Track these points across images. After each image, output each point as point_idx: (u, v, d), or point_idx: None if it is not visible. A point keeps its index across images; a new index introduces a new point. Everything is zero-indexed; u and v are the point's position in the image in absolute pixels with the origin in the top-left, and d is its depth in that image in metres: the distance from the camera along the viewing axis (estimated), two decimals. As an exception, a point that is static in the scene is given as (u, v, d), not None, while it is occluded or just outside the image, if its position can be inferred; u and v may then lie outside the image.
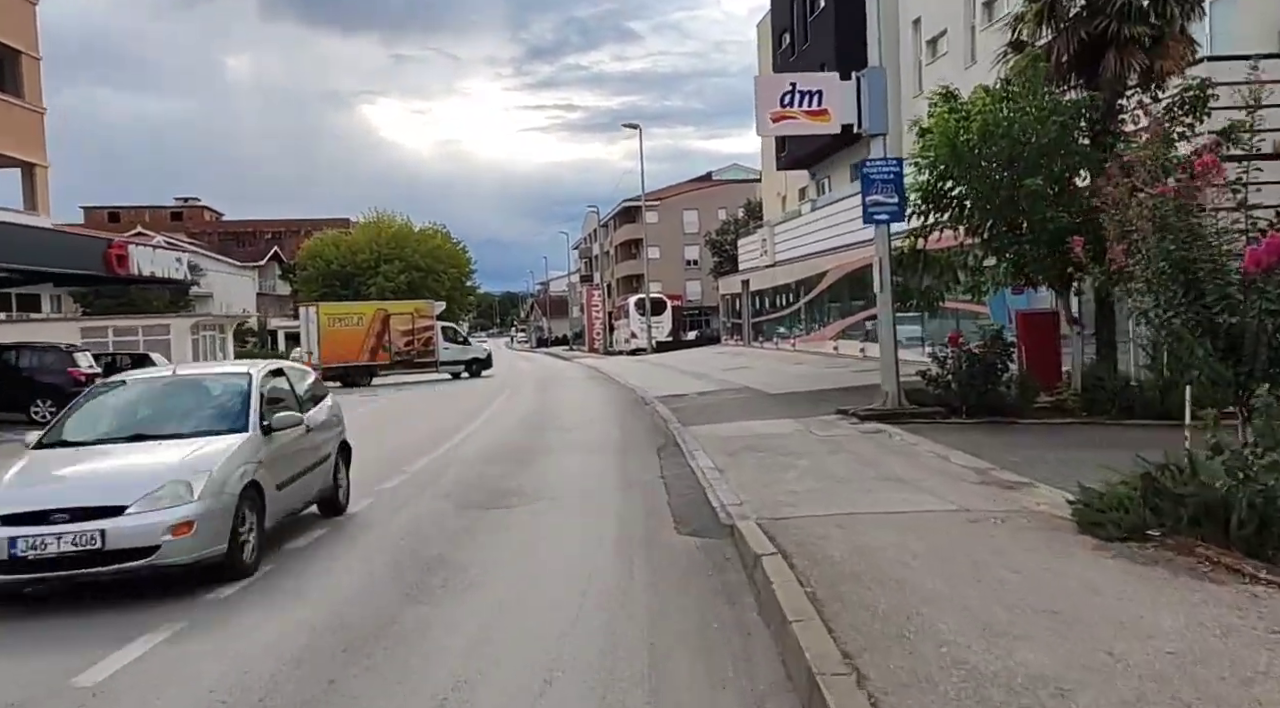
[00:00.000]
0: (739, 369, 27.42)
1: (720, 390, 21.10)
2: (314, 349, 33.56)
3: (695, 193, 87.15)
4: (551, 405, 21.77)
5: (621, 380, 28.34)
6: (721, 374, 25.94)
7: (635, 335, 56.25)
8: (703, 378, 25.37)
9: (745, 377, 24.31)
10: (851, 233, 27.37)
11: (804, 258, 33.20)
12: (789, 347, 34.41)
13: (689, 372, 28.48)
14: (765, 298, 38.59)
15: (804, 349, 32.79)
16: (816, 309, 31.70)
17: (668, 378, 26.75)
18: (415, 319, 36.13)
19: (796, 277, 33.87)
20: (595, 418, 17.70)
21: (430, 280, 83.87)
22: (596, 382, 29.83)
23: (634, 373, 31.03)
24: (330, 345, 33.82)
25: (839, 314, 29.06)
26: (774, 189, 44.10)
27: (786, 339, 35.22)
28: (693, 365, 31.60)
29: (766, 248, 38.86)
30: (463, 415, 19.75)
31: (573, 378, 33.29)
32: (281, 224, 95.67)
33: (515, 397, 25.01)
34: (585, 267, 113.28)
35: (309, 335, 34.43)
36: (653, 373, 30.04)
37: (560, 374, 36.72)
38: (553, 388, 27.71)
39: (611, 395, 23.52)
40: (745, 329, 41.77)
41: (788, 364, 27.95)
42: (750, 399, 18.57)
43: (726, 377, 24.85)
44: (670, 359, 38.22)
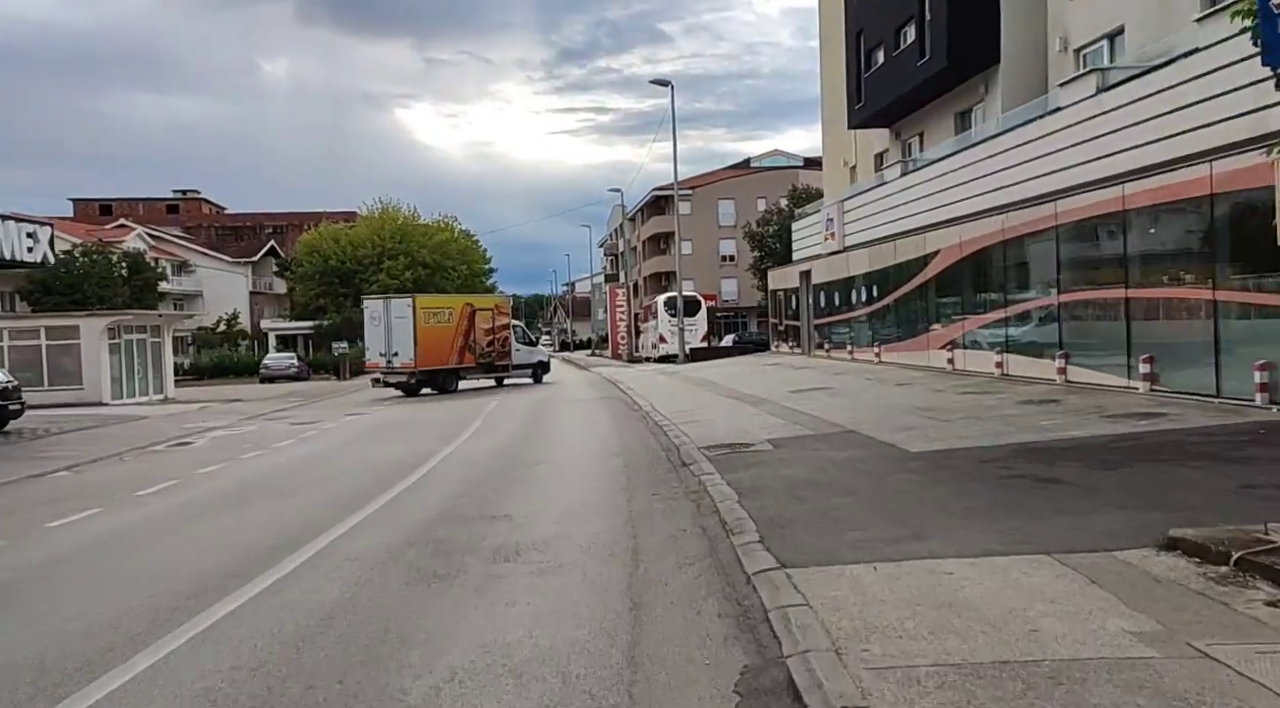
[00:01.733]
0: (816, 393, 18.87)
1: (807, 437, 12.59)
2: (399, 350, 28.14)
3: (731, 181, 78.50)
4: (523, 465, 13.37)
5: (645, 405, 19.95)
6: (793, 401, 17.42)
7: (664, 340, 47.93)
8: (766, 407, 16.87)
9: (834, 407, 15.78)
10: (984, 195, 18.74)
11: (891, 239, 24.54)
12: (870, 357, 25.72)
13: (742, 395, 19.96)
14: (831, 293, 29.94)
15: (893, 360, 24.12)
16: (914, 306, 23.05)
17: (713, 405, 18.28)
18: (495, 316, 31.79)
19: (880, 263, 25.23)
20: (583, 510, 9.20)
21: (438, 277, 76.02)
22: (610, 409, 21.39)
23: (663, 393, 22.59)
24: (425, 345, 28.42)
25: (958, 312, 20.41)
26: (837, 157, 35.43)
27: (865, 346, 26.50)
28: (744, 383, 23.05)
29: (834, 229, 30.23)
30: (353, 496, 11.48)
31: (580, 400, 24.85)
32: (284, 217, 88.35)
33: (479, 439, 16.67)
34: (611, 265, 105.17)
35: (392, 332, 28.32)
36: (689, 394, 21.58)
37: (566, 394, 28.28)
38: (546, 421, 19.30)
39: (627, 440, 15.10)
40: (805, 333, 33.10)
41: (885, 385, 19.37)
42: (879, 465, 10.02)
43: (804, 407, 16.33)
44: (710, 372, 29.65)
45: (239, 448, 16.34)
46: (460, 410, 22.53)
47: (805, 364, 28.10)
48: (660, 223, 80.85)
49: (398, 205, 76.62)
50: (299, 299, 72.24)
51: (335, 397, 32.73)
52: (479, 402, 25.48)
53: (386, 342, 28.41)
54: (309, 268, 72.22)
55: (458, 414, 21.50)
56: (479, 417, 20.22)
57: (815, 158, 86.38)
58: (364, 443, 16.58)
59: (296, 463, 14.22)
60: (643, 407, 20.15)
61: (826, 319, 30.50)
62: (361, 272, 73.13)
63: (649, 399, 21.40)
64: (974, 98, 23.83)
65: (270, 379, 45.44)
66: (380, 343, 28.68)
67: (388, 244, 73.30)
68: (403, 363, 28.14)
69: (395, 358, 28.24)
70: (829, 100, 36.56)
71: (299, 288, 72.57)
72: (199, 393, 37.78)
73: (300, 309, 71.79)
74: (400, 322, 28.33)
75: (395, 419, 21.37)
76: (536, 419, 19.23)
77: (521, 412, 21.32)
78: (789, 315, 35.21)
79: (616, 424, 17.28)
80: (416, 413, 22.91)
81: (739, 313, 79.10)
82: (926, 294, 21.99)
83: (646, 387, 25.87)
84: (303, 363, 47.67)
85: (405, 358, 28.16)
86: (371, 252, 73.07)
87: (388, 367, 28.44)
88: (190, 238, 79.16)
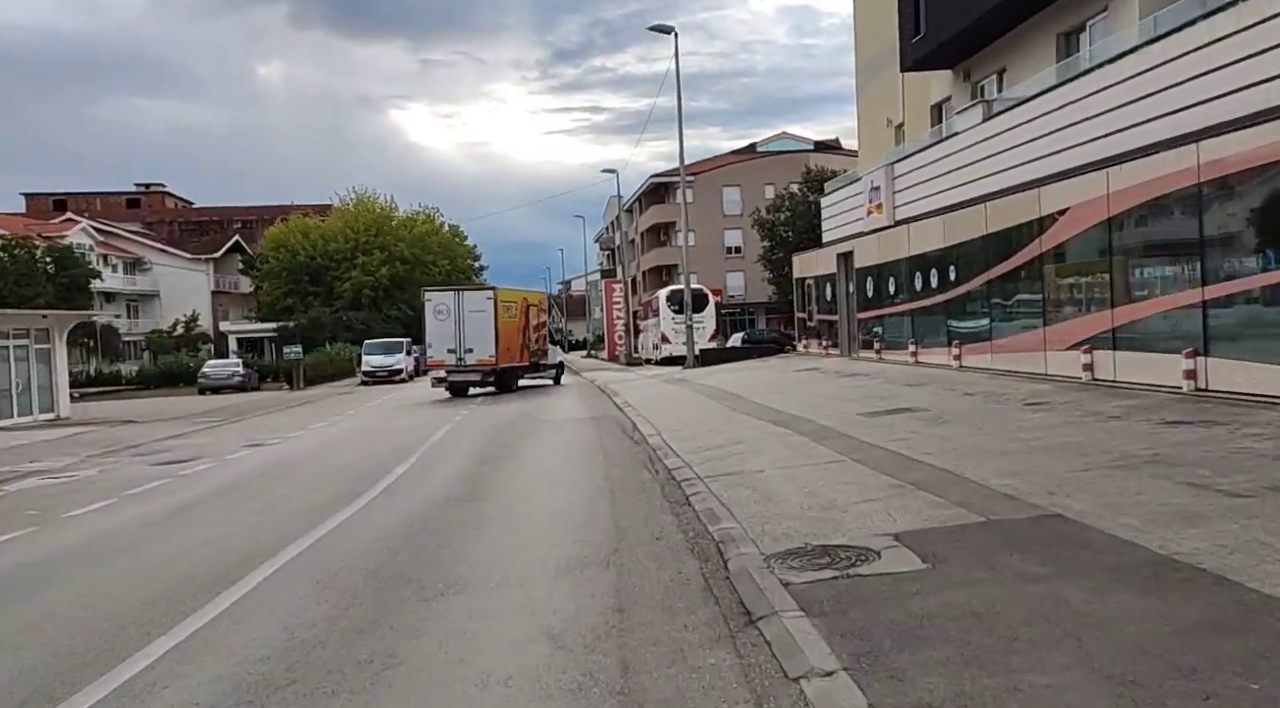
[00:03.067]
0: (904, 418, 12.70)
1: (972, 529, 6.46)
2: (475, 347, 26.42)
3: (736, 167, 72.31)
4: (421, 596, 7.22)
5: (650, 432, 13.87)
6: (879, 434, 11.29)
7: (667, 340, 41.92)
8: (841, 446, 10.72)
9: (962, 449, 9.64)
10: (1144, 124, 12.62)
11: (976, 202, 18.42)
12: (946, 359, 19.57)
13: (790, 419, 13.75)
14: (883, 278, 23.77)
15: (981, 365, 17.98)
16: (1020, 289, 16.88)
17: (752, 438, 12.10)
18: (539, 313, 31.01)
19: (961, 235, 19.08)
20: None
21: (418, 273, 69.65)
22: (600, 442, 15.28)
23: (672, 413, 16.45)
24: (504, 343, 27.06)
25: (1102, 294, 14.12)
26: (878, 116, 29.26)
27: (937, 346, 20.34)
28: (783, 399, 16.89)
29: (881, 200, 24.10)
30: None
31: (562, 422, 18.71)
32: (253, 211, 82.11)
33: (384, 508, 10.51)
34: (607, 260, 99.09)
35: (464, 326, 26.46)
36: (710, 416, 15.43)
37: (546, 410, 22.18)
38: (504, 463, 13.02)
39: (625, 515, 8.96)
40: (845, 330, 26.86)
41: (1003, 404, 13.22)
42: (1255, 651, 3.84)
43: (906, 446, 10.21)
44: (727, 380, 23.46)
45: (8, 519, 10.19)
46: (402, 436, 16.36)
47: (852, 370, 21.91)
48: (660, 212, 74.64)
49: (374, 195, 70.44)
50: (264, 299, 65.97)
51: (270, 413, 26.58)
52: (438, 417, 19.32)
53: (458, 337, 26.53)
54: (275, 264, 65.94)
55: (396, 442, 15.35)
56: (416, 451, 14.07)
57: (825, 141, 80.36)
58: (213, 508, 10.39)
59: (49, 563, 8.05)
60: (646, 435, 13.99)
61: (875, 311, 24.28)
62: (333, 268, 66.87)
63: (655, 423, 15.24)
64: (1089, 9, 17.66)
65: (212, 390, 39.21)
66: (449, 338, 26.63)
67: (362, 237, 67.05)
68: (479, 359, 26.56)
69: (469, 355, 26.51)
70: (866, 47, 30.43)
71: (265, 286, 66.29)
72: (114, 408, 31.63)
73: (266, 310, 65.51)
74: (477, 315, 26.57)
75: (300, 454, 15.20)
76: (493, 459, 13.05)
77: (477, 441, 15.14)
78: (822, 308, 29.01)
79: (608, 474, 11.08)
80: (340, 443, 16.74)
81: (746, 309, 73.01)
82: (1042, 272, 15.76)
83: (649, 401, 19.71)
84: (249, 370, 41.43)
85: (483, 354, 26.55)
86: (344, 246, 66.79)
87: (458, 364, 26.65)
88: (148, 233, 72.89)
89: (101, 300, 64.20)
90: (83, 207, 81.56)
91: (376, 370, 41.59)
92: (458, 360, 26.73)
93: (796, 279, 32.07)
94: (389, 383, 40.84)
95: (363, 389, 38.21)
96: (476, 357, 26.65)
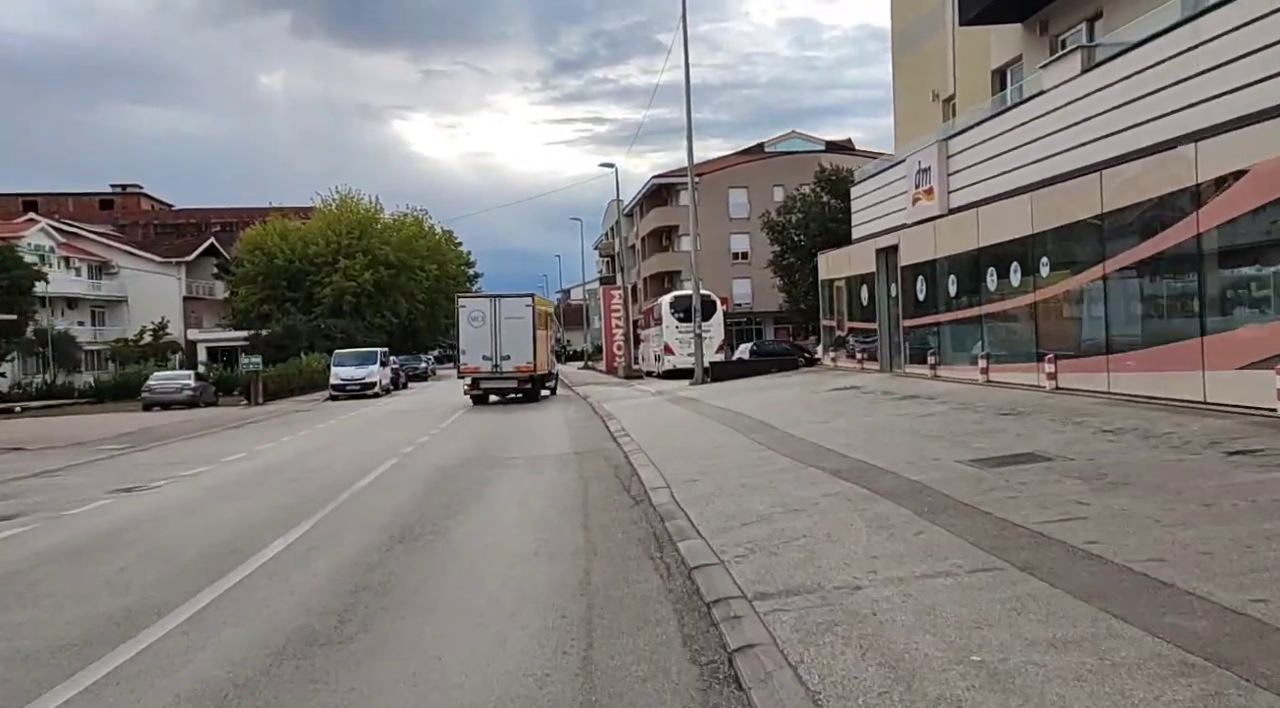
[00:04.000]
0: (1074, 480, 8.41)
1: None
2: (512, 353, 26.85)
3: (743, 167, 68.14)
4: None
5: (657, 483, 9.58)
6: (1059, 512, 6.99)
7: (670, 351, 37.75)
8: (1042, 561, 6.40)
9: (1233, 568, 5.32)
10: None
11: (1074, 175, 14.15)
12: (1033, 379, 15.22)
13: (867, 471, 9.40)
14: (939, 277, 19.47)
15: (1088, 387, 13.68)
16: (1156, 288, 12.58)
17: (832, 511, 7.75)
18: (553, 321, 31.67)
19: (1057, 218, 14.80)
20: None
21: (404, 279, 65.36)
22: (583, 500, 11.02)
23: (686, 453, 12.12)
24: (539, 350, 27.99)
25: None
26: (919, 89, 25.03)
27: (1019, 361, 15.99)
28: (840, 435, 12.54)
29: (931, 183, 19.88)
30: None
31: (537, 458, 14.44)
32: (232, 214, 77.86)
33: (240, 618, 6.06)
34: (606, 267, 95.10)
35: (502, 333, 26.80)
36: (752, 470, 11.09)
37: (523, 439, 17.94)
38: (434, 541, 8.65)
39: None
40: (885, 340, 22.49)
41: (1201, 456, 8.94)
42: None
43: (1120, 540, 5.89)
44: (748, 402, 19.11)
45: None
46: (319, 478, 12.05)
47: (904, 390, 17.57)
48: (662, 215, 70.49)
49: (358, 196, 66.17)
50: (239, 305, 61.67)
51: (199, 436, 22.31)
52: (385, 446, 14.97)
53: (494, 344, 26.84)
54: (251, 268, 61.62)
55: (305, 491, 11.06)
56: (318, 512, 9.75)
57: (838, 142, 76.25)
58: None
59: None
60: (649, 488, 9.70)
61: (929, 318, 19.94)
62: (313, 272, 62.51)
63: (661, 466, 10.95)
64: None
65: (159, 405, 34.84)
66: (485, 345, 26.91)
67: (344, 240, 62.72)
68: (518, 366, 26.96)
69: (506, 361, 26.83)
70: (903, 14, 26.29)
71: (240, 292, 61.98)
72: (26, 428, 27.43)
73: (241, 317, 61.19)
74: (514, 322, 26.97)
75: (160, 511, 10.86)
76: (417, 536, 8.68)
77: (414, 492, 10.79)
78: (855, 314, 24.67)
79: (587, 578, 6.71)
80: (232, 490, 12.40)
81: (753, 318, 68.78)
82: (1199, 259, 11.44)
83: (653, 430, 15.38)
84: (202, 383, 37.03)
85: (520, 361, 26.96)
86: (325, 249, 62.45)
87: (494, 371, 26.91)
88: (116, 235, 68.63)
89: (63, 306, 60.02)
90: (54, 207, 77.44)
91: (346, 384, 37.25)
92: (493, 368, 26.85)
93: (823, 281, 27.72)
94: (360, 398, 36.51)
95: (328, 406, 33.90)
96: (514, 363, 26.84)
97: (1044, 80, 16.09)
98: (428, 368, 62.87)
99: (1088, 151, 14.03)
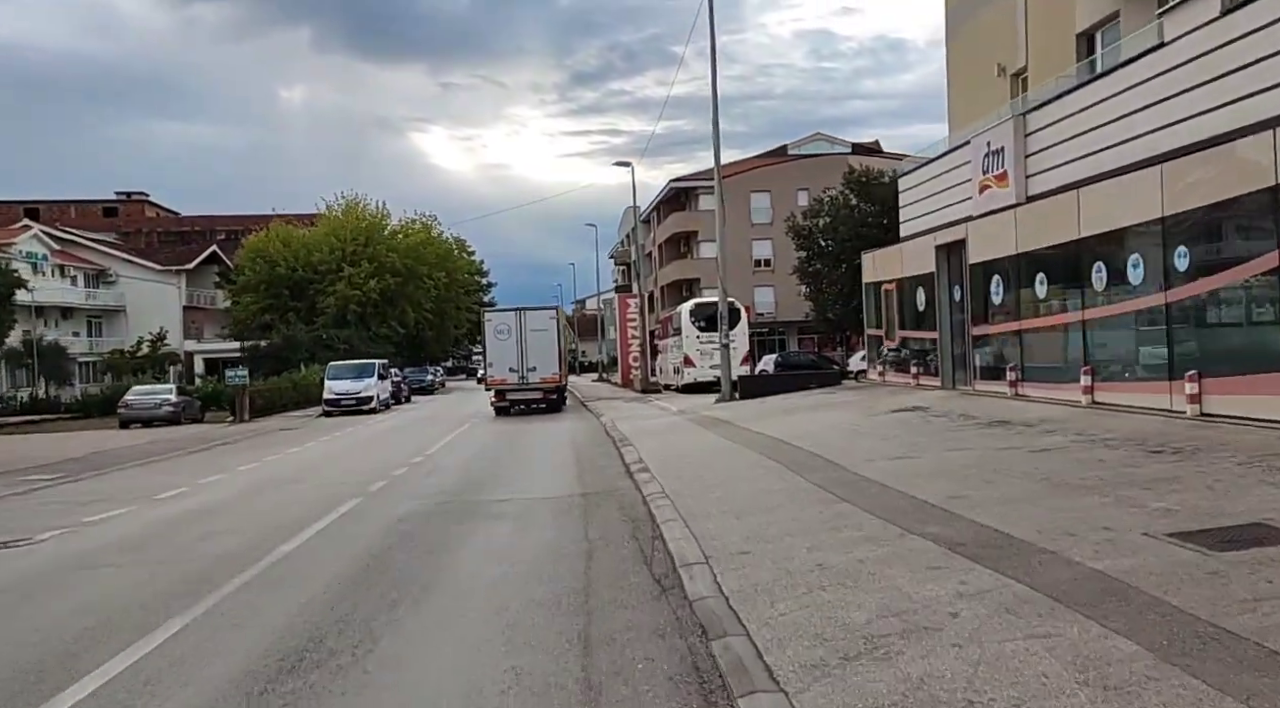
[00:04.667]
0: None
1: None
2: (538, 364, 27.40)
3: (766, 171, 64.98)
4: None
5: (706, 606, 6.45)
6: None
7: (690, 363, 34.75)
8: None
9: None
10: None
11: (1231, 136, 10.98)
12: (1163, 398, 12.01)
13: (1052, 570, 6.30)
14: (1017, 277, 16.28)
15: (1271, 413, 10.50)
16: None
17: (1052, 679, 4.63)
18: (568, 330, 33.03)
19: (1197, 197, 11.64)
20: None
21: (411, 287, 62.60)
22: (586, 575, 7.94)
23: (734, 515, 8.97)
24: (564, 361, 29.23)
25: None
26: (981, 64, 21.91)
27: (1142, 379, 12.77)
28: (942, 482, 9.42)
29: (1008, 165, 16.75)
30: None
31: (524, 510, 11.37)
32: (238, 221, 75.37)
33: None
34: (622, 276, 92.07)
35: (528, 345, 27.40)
36: (841, 550, 7.94)
37: (512, 475, 14.95)
38: (344, 671, 5.64)
39: None
40: (945, 353, 19.28)
41: None
42: None
43: None
44: (802, 429, 15.94)
45: None
46: (235, 534, 9.07)
47: (979, 411, 14.39)
48: (681, 220, 67.46)
49: (364, 201, 63.46)
50: (239, 315, 59.07)
51: (157, 461, 19.46)
52: (354, 481, 11.97)
53: (520, 356, 27.36)
54: (252, 276, 59.05)
55: (193, 569, 8.03)
56: (200, 601, 6.75)
57: (864, 143, 73.04)
58: None
59: None
60: (684, 566, 6.63)
61: (1005, 326, 16.74)
62: (317, 281, 59.83)
63: (698, 528, 7.88)
64: None
65: (138, 422, 32.08)
66: (511, 357, 27.46)
67: (349, 247, 60.04)
68: (544, 378, 27.53)
69: (532, 373, 27.33)
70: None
71: (241, 301, 59.39)
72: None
73: (241, 327, 58.56)
74: (540, 334, 27.58)
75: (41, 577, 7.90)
76: (326, 652, 5.67)
77: (356, 556, 7.79)
78: (909, 321, 21.48)
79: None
80: (116, 553, 9.44)
81: (775, 328, 65.53)
82: None
83: (680, 466, 12.29)
84: (185, 398, 34.19)
85: (547, 372, 27.53)
86: (330, 256, 59.76)
87: (521, 383, 27.40)
88: (115, 243, 66.28)
89: (57, 317, 57.66)
90: (55, 215, 75.47)
91: (341, 398, 34.36)
92: (520, 379, 27.22)
93: (868, 285, 24.52)
94: (356, 413, 33.64)
95: (320, 423, 31.05)
96: (540, 374, 27.24)
97: (1165, 30, 12.96)
98: (434, 380, 59.88)
99: (1238, 110, 10.88)
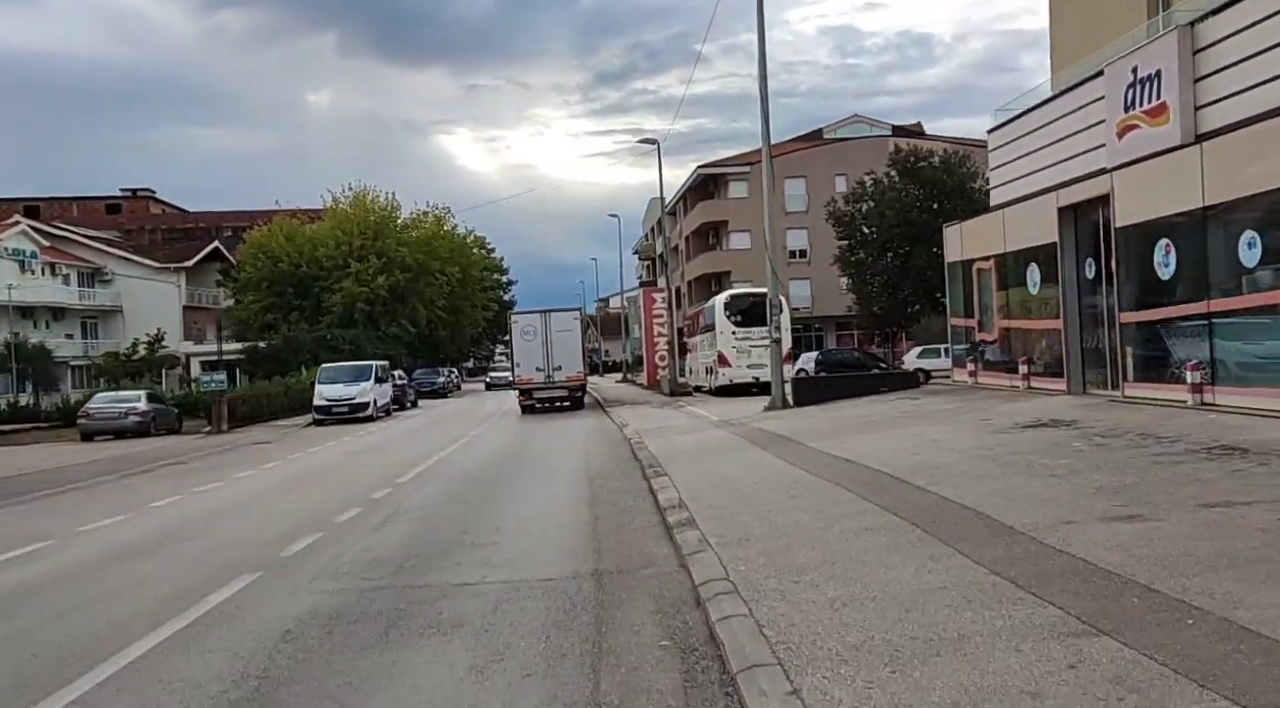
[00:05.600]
0: None
1: None
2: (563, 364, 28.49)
3: (800, 155, 60.38)
4: None
5: None
6: None
7: (726, 362, 30.66)
8: None
9: None
10: None
11: None
12: None
13: None
14: (1203, 244, 11.96)
15: None
16: None
17: None
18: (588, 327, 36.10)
19: None
20: None
21: (422, 284, 58.79)
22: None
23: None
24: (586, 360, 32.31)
25: None
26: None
27: None
28: (1246, 587, 5.26)
29: (1166, 94, 12.44)
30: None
31: (506, 598, 7.14)
32: (245, 216, 71.94)
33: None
34: (646, 272, 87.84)
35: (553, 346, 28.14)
36: None
37: (508, 517, 10.68)
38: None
39: None
40: (1071, 348, 14.91)
41: None
42: None
43: None
44: (914, 457, 11.66)
45: None
46: (102, 617, 5.14)
47: (1170, 430, 10.16)
48: (709, 210, 63.13)
49: (373, 192, 59.71)
50: (240, 314, 55.58)
51: (72, 491, 15.66)
52: (308, 518, 7.98)
53: (546, 356, 28.30)
54: (254, 273, 55.56)
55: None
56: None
57: (905, 125, 68.44)
58: None
59: None
60: None
61: (1180, 309, 12.40)
62: (322, 277, 56.22)
63: (813, 684, 3.67)
64: None
65: (104, 433, 28.40)
66: (537, 357, 28.38)
67: (357, 242, 56.37)
68: (568, 377, 28.47)
69: (558, 372, 28.26)
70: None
71: (242, 299, 55.92)
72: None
73: (242, 327, 55.06)
74: (564, 335, 28.51)
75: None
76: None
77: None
78: (1013, 308, 17.11)
79: None
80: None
81: (811, 324, 60.99)
82: None
83: (745, 517, 8.17)
84: (156, 407, 30.39)
85: (571, 372, 28.51)
86: (336, 252, 56.14)
87: (547, 381, 28.33)
88: (113, 240, 63.01)
89: (48, 318, 54.51)
90: (56, 212, 72.60)
91: (332, 405, 30.50)
92: (546, 378, 28.15)
93: (952, 265, 20.13)
94: (349, 422, 29.81)
95: (304, 434, 27.23)
96: (565, 374, 28.30)
97: None
98: (447, 383, 55.92)
99: None
